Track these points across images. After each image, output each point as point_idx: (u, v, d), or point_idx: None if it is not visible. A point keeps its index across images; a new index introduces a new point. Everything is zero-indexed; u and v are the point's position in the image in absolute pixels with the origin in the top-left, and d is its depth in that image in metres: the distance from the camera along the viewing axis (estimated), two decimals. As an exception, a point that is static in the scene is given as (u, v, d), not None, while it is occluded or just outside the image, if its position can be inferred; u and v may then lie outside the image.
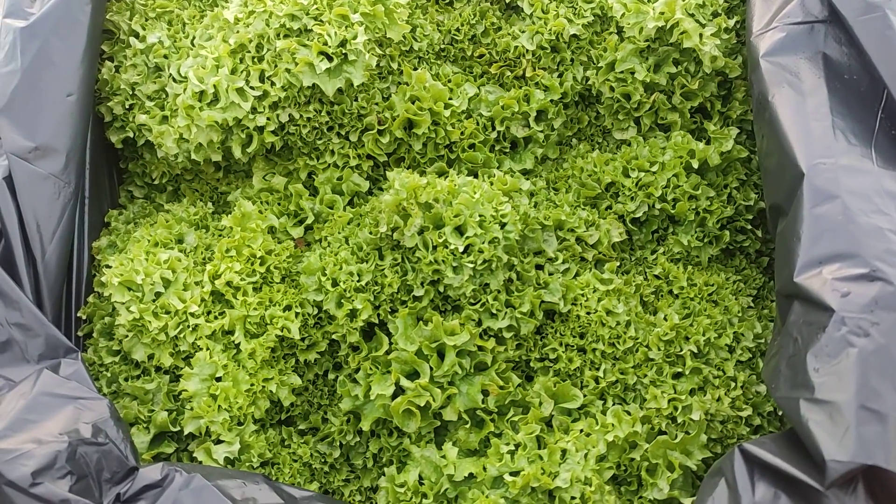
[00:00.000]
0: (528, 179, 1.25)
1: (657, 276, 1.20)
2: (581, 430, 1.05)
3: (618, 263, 1.20)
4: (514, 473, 1.01)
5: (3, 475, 0.83)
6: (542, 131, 1.27)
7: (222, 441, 1.04)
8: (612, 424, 1.04)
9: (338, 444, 1.13)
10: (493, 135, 1.26)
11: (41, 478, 0.84)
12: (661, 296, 1.19)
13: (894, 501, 0.70)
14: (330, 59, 1.14)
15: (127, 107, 1.22)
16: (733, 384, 1.09)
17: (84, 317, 1.14)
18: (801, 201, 0.88)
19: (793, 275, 0.85)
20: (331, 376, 1.17)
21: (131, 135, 1.24)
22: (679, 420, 1.05)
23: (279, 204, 1.23)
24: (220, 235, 1.20)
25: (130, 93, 1.21)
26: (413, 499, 1.03)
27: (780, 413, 1.08)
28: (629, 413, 1.06)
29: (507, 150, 1.28)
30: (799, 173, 0.90)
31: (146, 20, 1.24)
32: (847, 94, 0.97)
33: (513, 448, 1.04)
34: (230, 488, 0.90)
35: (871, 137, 0.93)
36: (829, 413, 0.74)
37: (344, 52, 1.14)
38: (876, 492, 0.71)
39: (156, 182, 1.30)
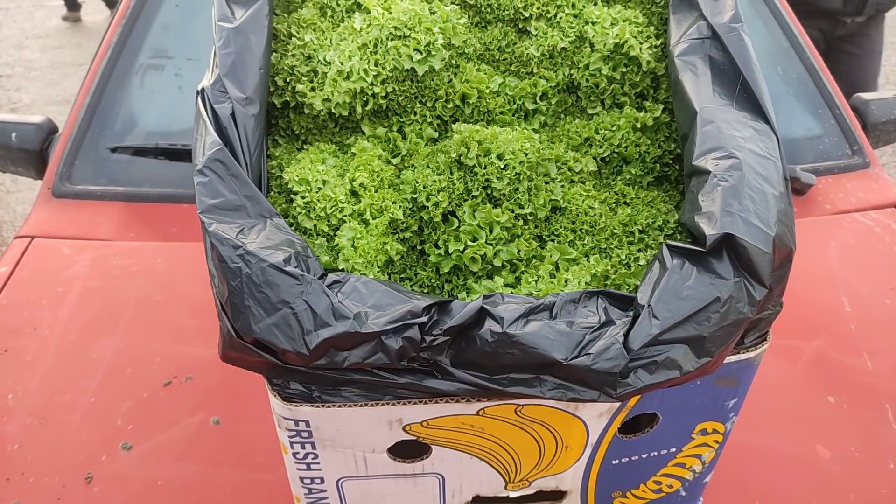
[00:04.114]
0: (536, 134, 1.98)
1: (616, 193, 1.94)
2: (576, 269, 1.76)
3: (594, 182, 1.94)
4: (537, 290, 1.71)
5: (266, 260, 1.49)
6: (544, 106, 2.01)
7: (363, 274, 1.71)
8: (593, 265, 1.75)
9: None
10: (514, 107, 1.99)
11: (287, 265, 1.50)
12: (620, 204, 1.93)
13: (742, 258, 1.43)
14: (421, 53, 1.86)
15: (286, 80, 1.91)
16: (663, 247, 1.82)
17: (269, 204, 1.80)
18: (696, 127, 1.64)
19: (691, 162, 1.60)
20: (419, 247, 1.86)
21: (287, 99, 1.93)
22: (632, 266, 1.78)
23: (381, 144, 1.93)
24: (348, 161, 1.89)
25: (290, 72, 1.91)
26: (478, 306, 1.72)
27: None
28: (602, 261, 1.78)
29: (523, 117, 2.02)
30: (694, 112, 1.65)
31: (299, 28, 1.95)
32: (721, 76, 1.74)
33: (535, 279, 1.74)
34: (384, 283, 1.58)
35: (733, 96, 1.70)
36: (708, 217, 1.47)
37: (429, 49, 1.87)
38: (729, 252, 1.44)
39: (295, 133, 1.99)
